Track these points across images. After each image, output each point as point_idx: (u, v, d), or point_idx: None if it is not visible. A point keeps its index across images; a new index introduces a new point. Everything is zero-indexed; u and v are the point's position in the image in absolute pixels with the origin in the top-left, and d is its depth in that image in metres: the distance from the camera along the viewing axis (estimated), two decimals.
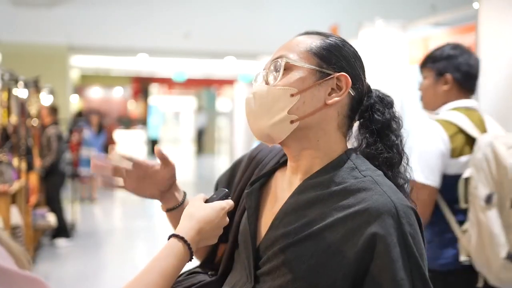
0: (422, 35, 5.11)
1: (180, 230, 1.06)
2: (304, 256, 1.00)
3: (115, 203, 9.20)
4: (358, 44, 5.31)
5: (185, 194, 1.30)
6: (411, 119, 5.28)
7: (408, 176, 1.13)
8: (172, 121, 25.69)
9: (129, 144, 16.44)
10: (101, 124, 9.48)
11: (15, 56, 8.74)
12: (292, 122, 1.05)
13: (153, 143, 17.97)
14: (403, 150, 1.13)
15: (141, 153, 17.18)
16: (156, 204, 1.27)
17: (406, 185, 1.12)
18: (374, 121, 1.12)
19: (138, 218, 8.17)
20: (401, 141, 1.13)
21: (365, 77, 1.13)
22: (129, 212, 8.61)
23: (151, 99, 19.62)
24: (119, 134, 14.49)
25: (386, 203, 0.99)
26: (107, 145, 9.56)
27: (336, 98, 1.06)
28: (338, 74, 1.07)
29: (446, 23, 4.86)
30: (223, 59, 11.39)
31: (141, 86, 18.92)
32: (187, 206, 1.11)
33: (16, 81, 5.01)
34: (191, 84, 18.98)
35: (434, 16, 4.93)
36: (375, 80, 5.08)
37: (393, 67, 5.18)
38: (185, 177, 13.65)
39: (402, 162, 1.12)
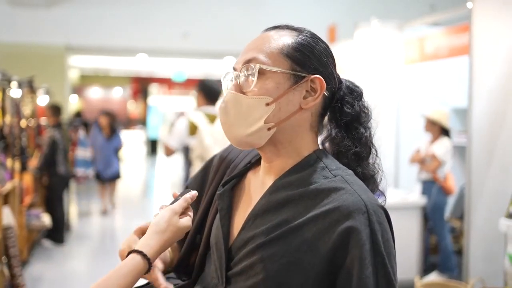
0: (418, 35, 5.08)
1: (145, 247, 1.04)
2: (276, 255, 1.00)
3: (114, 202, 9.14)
4: (354, 44, 5.28)
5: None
6: (407, 118, 5.26)
7: (377, 167, 1.13)
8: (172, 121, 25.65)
9: (128, 145, 16.43)
10: (114, 126, 8.36)
11: (13, 57, 8.73)
12: (269, 129, 1.05)
13: (152, 143, 17.95)
14: (371, 142, 1.12)
15: (140, 153, 17.18)
16: (156, 204, 1.25)
17: (375, 176, 1.12)
18: (344, 113, 1.11)
19: (136, 218, 8.13)
20: (370, 133, 1.13)
21: (336, 72, 1.12)
22: (127, 212, 8.58)
23: (151, 99, 19.61)
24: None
25: (357, 202, 0.98)
26: (119, 150, 8.52)
27: (312, 103, 1.06)
28: (312, 76, 1.06)
29: (442, 23, 4.83)
30: (222, 59, 11.36)
31: (141, 86, 18.93)
32: (155, 219, 1.09)
33: (9, 81, 4.98)
34: (191, 84, 18.96)
35: (429, 16, 4.89)
36: (370, 80, 5.07)
37: (388, 67, 5.15)
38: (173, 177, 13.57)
39: (371, 154, 1.12)
